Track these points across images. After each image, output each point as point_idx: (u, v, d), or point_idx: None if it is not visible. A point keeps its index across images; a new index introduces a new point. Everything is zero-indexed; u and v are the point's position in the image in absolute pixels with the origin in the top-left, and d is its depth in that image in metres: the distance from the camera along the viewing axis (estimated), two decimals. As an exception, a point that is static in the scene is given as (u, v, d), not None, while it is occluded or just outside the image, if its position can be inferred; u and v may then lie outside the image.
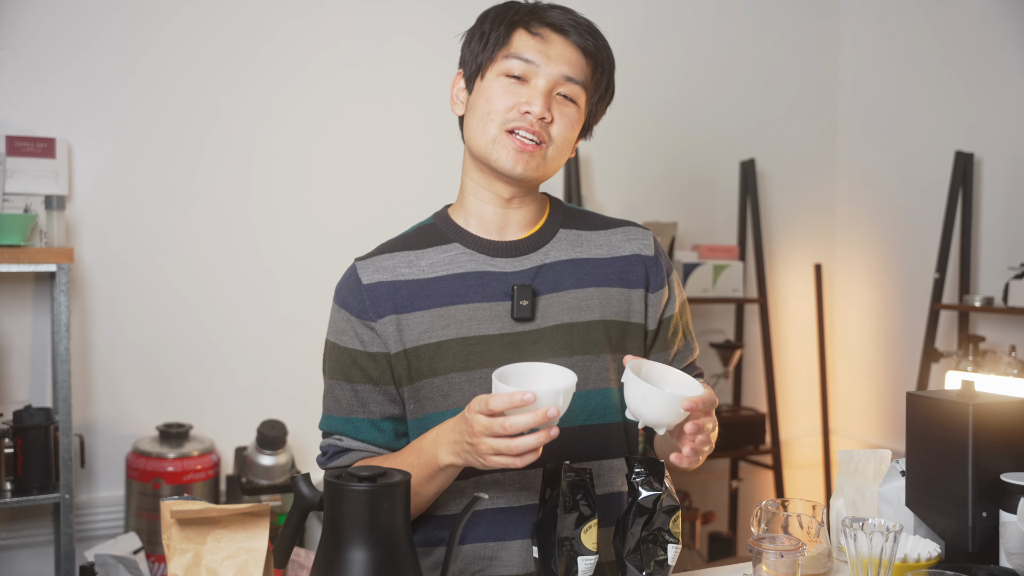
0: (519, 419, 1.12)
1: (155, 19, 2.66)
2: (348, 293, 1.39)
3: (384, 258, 1.41)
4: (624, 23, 3.26)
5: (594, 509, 1.22)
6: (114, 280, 2.64)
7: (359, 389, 1.38)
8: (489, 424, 1.14)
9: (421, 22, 2.94)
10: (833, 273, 3.66)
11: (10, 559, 2.54)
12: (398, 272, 1.39)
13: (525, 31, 1.36)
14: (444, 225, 1.43)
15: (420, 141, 2.94)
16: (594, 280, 1.42)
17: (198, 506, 1.09)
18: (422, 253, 1.40)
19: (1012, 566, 1.24)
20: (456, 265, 1.39)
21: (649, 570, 1.24)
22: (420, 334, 1.36)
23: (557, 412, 1.12)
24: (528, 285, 1.37)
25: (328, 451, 1.42)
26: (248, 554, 1.10)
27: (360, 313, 1.37)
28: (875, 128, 3.51)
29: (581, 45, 1.37)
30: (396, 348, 1.37)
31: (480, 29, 1.40)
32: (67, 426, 2.32)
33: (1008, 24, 3.03)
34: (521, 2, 1.42)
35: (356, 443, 1.40)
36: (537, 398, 1.11)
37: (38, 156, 2.50)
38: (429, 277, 1.38)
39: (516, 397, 1.11)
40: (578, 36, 1.37)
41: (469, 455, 1.19)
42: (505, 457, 1.15)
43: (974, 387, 1.33)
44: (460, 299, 1.37)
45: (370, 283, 1.38)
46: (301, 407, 2.74)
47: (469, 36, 1.42)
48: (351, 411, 1.40)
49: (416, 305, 1.37)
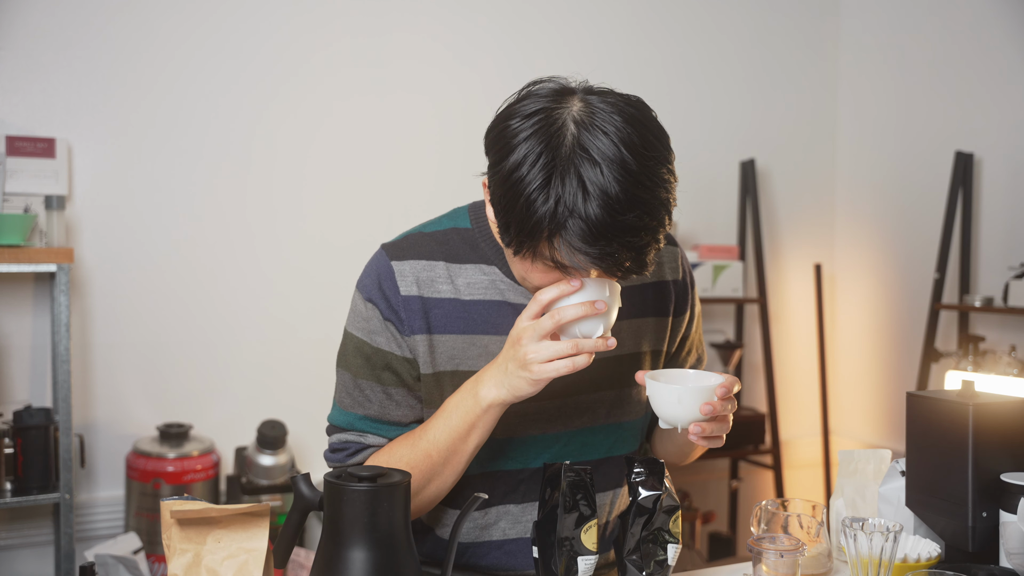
0: (570, 308, 1.12)
1: (155, 19, 2.66)
2: (381, 297, 1.30)
3: (422, 266, 1.30)
4: (624, 23, 3.25)
5: (594, 509, 1.22)
6: (114, 280, 2.64)
7: (393, 392, 1.32)
8: (535, 324, 1.13)
9: (420, 19, 2.94)
10: (833, 273, 3.66)
11: (10, 559, 2.54)
12: (436, 288, 1.30)
13: (558, 257, 1.12)
14: (484, 240, 1.33)
15: (420, 140, 2.94)
16: (626, 311, 1.34)
17: (198, 506, 1.09)
18: (460, 269, 1.31)
19: (1012, 566, 1.24)
20: (495, 291, 1.31)
21: (649, 570, 1.24)
22: (450, 359, 1.31)
23: (605, 306, 1.13)
24: None
25: (349, 447, 1.34)
26: (248, 554, 1.10)
27: (395, 320, 1.29)
28: (875, 128, 3.51)
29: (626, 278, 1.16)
30: (427, 369, 1.31)
31: (522, 182, 1.09)
32: (67, 426, 2.32)
33: (1008, 24, 3.03)
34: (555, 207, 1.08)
35: (380, 440, 1.34)
36: (584, 285, 1.12)
37: (38, 156, 2.50)
38: (466, 299, 1.30)
39: (563, 284, 1.12)
40: (624, 276, 1.15)
41: (515, 377, 1.17)
42: (556, 363, 1.13)
43: (974, 387, 1.33)
44: (494, 329, 1.31)
45: (408, 295, 1.29)
46: (301, 407, 2.74)
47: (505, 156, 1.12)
48: (382, 411, 1.33)
49: (449, 328, 1.30)
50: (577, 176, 1.07)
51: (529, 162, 1.09)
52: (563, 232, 1.08)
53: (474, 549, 1.36)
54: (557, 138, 1.09)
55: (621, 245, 1.08)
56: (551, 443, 1.36)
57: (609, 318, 1.17)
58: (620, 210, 1.07)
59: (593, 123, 1.09)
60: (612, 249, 1.08)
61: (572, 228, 1.07)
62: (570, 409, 1.36)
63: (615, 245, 1.08)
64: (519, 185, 1.09)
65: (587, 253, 1.09)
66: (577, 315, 1.13)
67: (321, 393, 2.25)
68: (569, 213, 1.07)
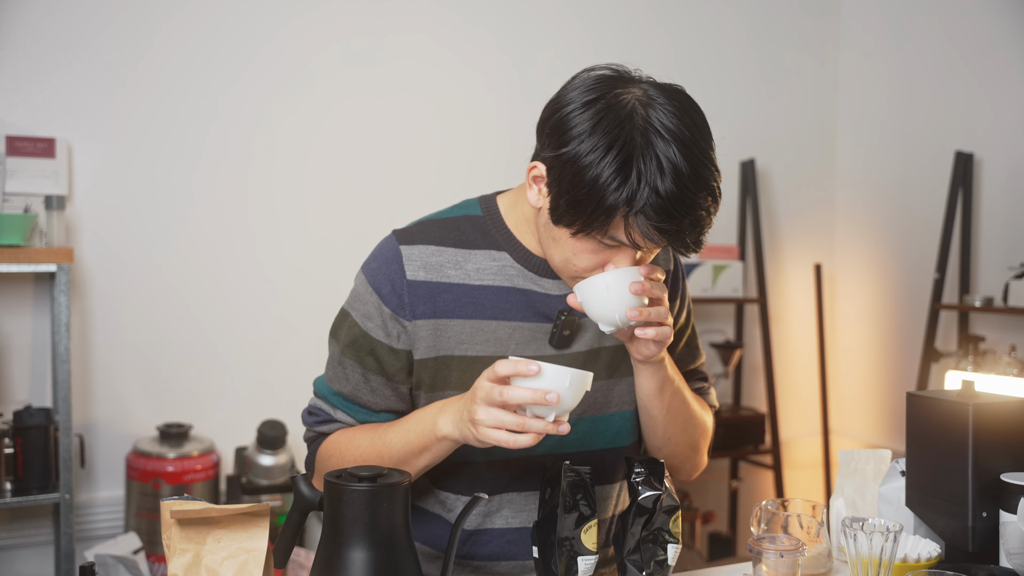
0: (517, 391, 1.10)
1: (155, 19, 2.66)
2: (387, 281, 1.31)
3: (432, 252, 1.31)
4: (624, 23, 3.25)
5: (594, 509, 1.23)
6: (114, 280, 2.64)
7: (371, 378, 1.33)
8: (489, 390, 1.11)
9: (421, 19, 2.94)
10: (833, 273, 3.66)
11: (10, 559, 2.54)
12: (444, 272, 1.31)
13: (625, 231, 1.15)
14: (495, 226, 1.34)
15: (420, 140, 2.94)
16: None
17: (198, 506, 1.08)
18: (470, 255, 1.32)
19: (1012, 566, 1.24)
20: (504, 277, 1.32)
21: (649, 570, 1.24)
22: (457, 343, 1.31)
23: (557, 399, 1.09)
24: (574, 317, 1.33)
25: (319, 415, 1.39)
26: (248, 554, 1.10)
27: (396, 308, 1.30)
28: (875, 128, 3.51)
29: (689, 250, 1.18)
30: (426, 354, 1.31)
31: (590, 166, 1.12)
32: (67, 426, 2.32)
33: (1008, 24, 3.03)
34: (636, 184, 1.11)
35: (348, 419, 1.37)
36: (542, 372, 1.09)
37: (38, 156, 2.50)
38: (475, 284, 1.31)
39: (521, 366, 1.09)
40: (682, 247, 1.17)
41: (467, 426, 1.16)
42: (499, 432, 1.12)
43: (974, 387, 1.33)
44: (503, 315, 1.32)
45: (415, 280, 1.30)
46: (301, 407, 2.70)
47: (564, 140, 1.15)
48: (355, 394, 1.35)
49: (458, 312, 1.30)
50: (654, 155, 1.11)
51: (605, 144, 1.11)
52: (643, 209, 1.11)
53: (476, 537, 1.36)
54: (630, 120, 1.13)
55: (690, 222, 1.13)
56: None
57: (563, 406, 1.12)
58: (690, 188, 1.12)
59: (658, 105, 1.16)
60: (681, 226, 1.13)
61: (651, 204, 1.11)
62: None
63: (685, 222, 1.12)
64: (595, 166, 1.11)
65: (660, 229, 1.12)
66: (523, 400, 1.11)
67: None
68: (650, 190, 1.11)
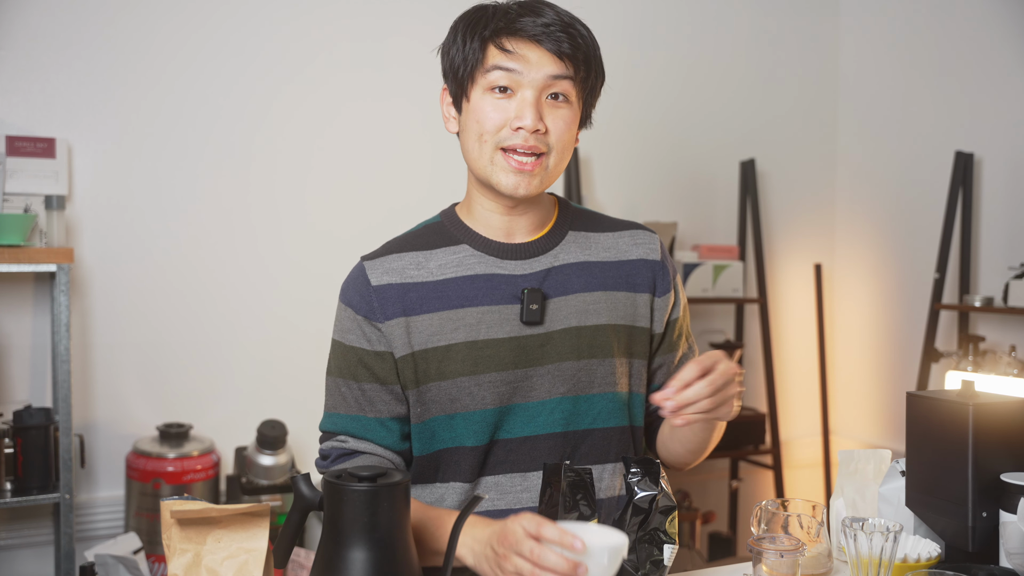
0: (551, 558, 1.06)
1: (155, 19, 2.66)
2: (355, 293, 1.38)
3: (392, 259, 1.39)
4: (624, 23, 3.25)
5: (594, 509, 1.22)
6: (114, 280, 2.64)
7: (366, 388, 1.37)
8: (521, 541, 1.08)
9: (420, 24, 2.94)
10: (833, 273, 3.66)
11: (10, 559, 2.54)
12: (407, 274, 1.37)
13: (497, 49, 1.31)
14: (453, 225, 1.42)
15: (420, 141, 2.94)
16: (601, 284, 1.41)
17: (198, 506, 1.09)
18: (431, 254, 1.39)
19: (1012, 566, 1.24)
20: (465, 267, 1.37)
21: (645, 570, 1.24)
22: (429, 336, 1.35)
23: (586, 572, 1.06)
24: (538, 289, 1.37)
25: (331, 454, 1.39)
26: (248, 554, 1.10)
27: (368, 313, 1.36)
28: (875, 128, 3.51)
29: (557, 52, 1.30)
30: (403, 351, 1.35)
31: (454, 44, 1.35)
32: (67, 426, 2.32)
33: (1008, 24, 3.03)
34: (490, 4, 1.35)
35: (363, 443, 1.38)
36: (587, 549, 1.06)
37: (38, 156, 2.50)
38: (438, 279, 1.37)
39: (567, 539, 1.05)
40: (552, 43, 1.30)
41: (487, 561, 1.14)
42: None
43: (974, 387, 1.33)
44: (469, 302, 1.35)
45: (379, 284, 1.37)
46: (301, 407, 2.74)
47: (444, 50, 1.37)
48: (359, 408, 1.38)
49: (425, 307, 1.35)
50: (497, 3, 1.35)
51: (462, 19, 1.35)
52: (496, 24, 1.30)
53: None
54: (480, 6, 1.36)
55: (543, 23, 1.29)
56: (539, 411, 1.36)
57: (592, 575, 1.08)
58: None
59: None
60: (537, 24, 1.29)
61: (501, 15, 1.31)
62: (538, 378, 1.36)
63: (539, 22, 1.29)
64: (452, 30, 1.35)
65: (521, 32, 1.29)
66: (556, 568, 1.06)
67: (321, 393, 2.24)
68: (500, 11, 1.33)
